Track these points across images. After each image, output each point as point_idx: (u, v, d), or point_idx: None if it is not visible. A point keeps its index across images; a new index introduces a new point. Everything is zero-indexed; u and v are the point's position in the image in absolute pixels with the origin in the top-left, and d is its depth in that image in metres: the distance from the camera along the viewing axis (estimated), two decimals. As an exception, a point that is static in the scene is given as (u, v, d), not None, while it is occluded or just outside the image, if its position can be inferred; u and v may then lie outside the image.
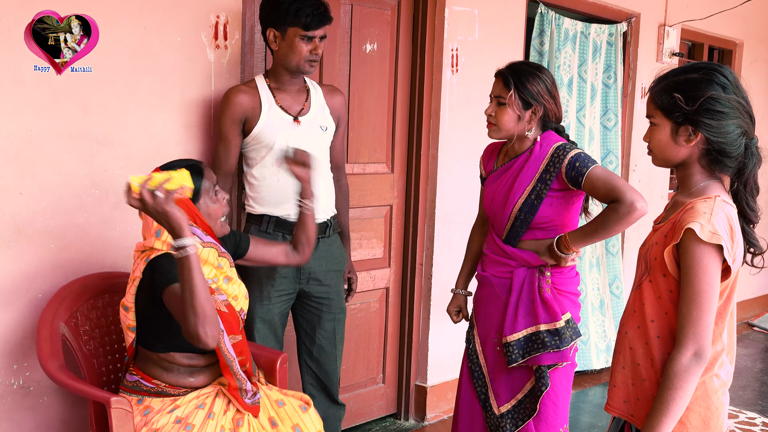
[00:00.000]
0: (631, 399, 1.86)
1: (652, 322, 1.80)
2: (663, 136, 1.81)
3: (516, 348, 2.45)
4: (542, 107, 2.45)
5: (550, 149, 2.43)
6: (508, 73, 2.47)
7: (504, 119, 2.45)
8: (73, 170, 2.52)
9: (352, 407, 3.61)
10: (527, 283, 2.47)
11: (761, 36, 6.03)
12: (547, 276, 2.47)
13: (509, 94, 2.43)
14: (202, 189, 2.20)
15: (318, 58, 2.67)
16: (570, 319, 2.47)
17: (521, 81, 2.44)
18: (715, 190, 1.78)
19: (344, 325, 2.97)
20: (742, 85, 1.79)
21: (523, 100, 2.43)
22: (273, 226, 2.73)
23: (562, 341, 2.41)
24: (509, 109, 2.44)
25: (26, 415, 2.50)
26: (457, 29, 3.72)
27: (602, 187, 2.34)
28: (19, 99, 2.39)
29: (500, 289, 2.52)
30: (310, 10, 2.58)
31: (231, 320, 2.18)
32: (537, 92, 2.44)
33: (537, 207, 2.43)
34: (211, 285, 2.16)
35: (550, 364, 2.44)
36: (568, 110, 4.40)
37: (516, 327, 2.46)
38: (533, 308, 2.46)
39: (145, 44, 2.64)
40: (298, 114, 2.73)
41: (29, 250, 2.46)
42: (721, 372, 1.81)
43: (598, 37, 4.54)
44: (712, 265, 1.68)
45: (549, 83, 2.47)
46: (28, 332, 2.47)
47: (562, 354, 2.43)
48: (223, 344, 2.13)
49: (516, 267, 2.49)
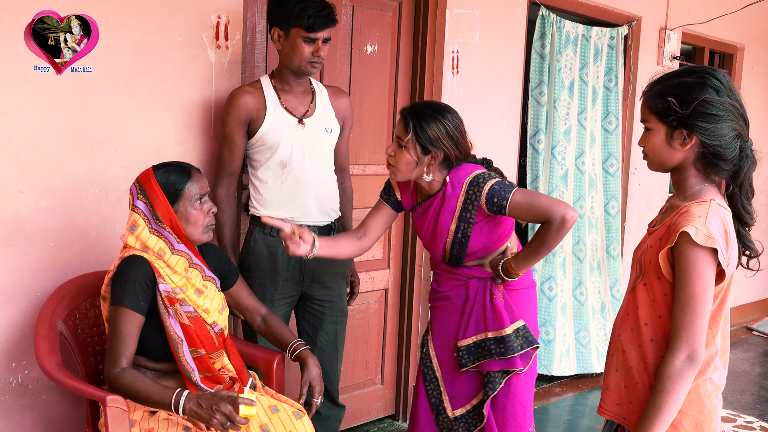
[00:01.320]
0: (623, 402, 1.86)
1: (645, 325, 1.81)
2: (658, 140, 1.81)
3: (466, 353, 2.48)
4: (442, 153, 2.38)
5: (463, 185, 2.41)
6: (408, 116, 2.39)
7: (402, 162, 2.40)
8: (73, 169, 2.53)
9: (350, 408, 3.61)
10: (480, 291, 2.50)
11: (762, 40, 6.03)
12: (498, 282, 2.49)
13: (407, 138, 2.37)
14: (184, 191, 2.20)
15: (321, 60, 2.65)
16: (521, 327, 2.47)
17: (421, 125, 2.36)
18: (711, 193, 1.79)
19: (345, 327, 2.98)
20: (740, 89, 1.80)
21: (421, 145, 2.37)
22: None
23: (507, 349, 2.42)
24: (407, 153, 2.38)
25: (24, 413, 2.51)
26: (458, 31, 3.72)
27: (527, 212, 2.36)
28: (20, 98, 2.40)
29: (457, 299, 2.54)
30: (314, 12, 2.56)
31: (193, 333, 2.20)
32: (436, 137, 2.36)
33: (467, 242, 2.44)
34: (177, 295, 2.18)
35: (499, 370, 2.45)
36: (569, 113, 4.40)
37: (467, 333, 2.49)
38: (483, 316, 2.48)
39: (146, 44, 2.65)
40: (303, 116, 2.73)
41: (29, 248, 2.46)
42: (715, 376, 1.81)
43: (599, 40, 4.54)
44: (706, 269, 1.68)
45: (452, 127, 2.38)
46: (26, 330, 2.47)
47: (510, 361, 2.44)
48: (182, 355, 2.16)
49: (468, 279, 2.52)
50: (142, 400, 2.04)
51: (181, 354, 2.16)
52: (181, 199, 2.20)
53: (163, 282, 2.16)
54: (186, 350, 2.17)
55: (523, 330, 2.47)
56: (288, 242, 2.32)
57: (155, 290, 2.15)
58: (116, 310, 2.11)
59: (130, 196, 2.22)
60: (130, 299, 2.10)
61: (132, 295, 2.11)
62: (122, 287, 2.12)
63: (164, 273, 2.17)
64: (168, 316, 2.15)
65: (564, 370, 4.51)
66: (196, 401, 1.99)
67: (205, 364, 2.24)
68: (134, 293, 2.11)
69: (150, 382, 2.06)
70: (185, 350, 2.17)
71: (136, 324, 2.11)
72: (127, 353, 2.09)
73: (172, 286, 2.17)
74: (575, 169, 4.52)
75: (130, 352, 2.10)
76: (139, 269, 2.14)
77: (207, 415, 1.96)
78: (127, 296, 2.10)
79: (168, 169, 2.22)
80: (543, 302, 4.44)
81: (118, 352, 2.08)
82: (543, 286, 4.45)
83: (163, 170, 2.21)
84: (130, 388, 2.04)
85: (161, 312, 2.15)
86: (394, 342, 3.84)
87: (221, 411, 1.95)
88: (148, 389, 2.03)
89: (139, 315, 2.11)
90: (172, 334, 2.15)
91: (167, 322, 2.15)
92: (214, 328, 2.27)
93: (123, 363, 2.08)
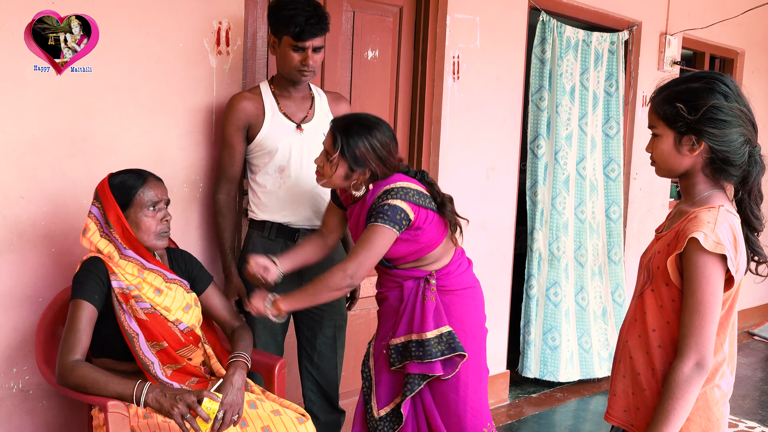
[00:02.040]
0: (631, 408, 1.86)
1: (653, 331, 1.80)
2: (666, 146, 1.80)
3: (395, 353, 2.49)
4: (369, 171, 2.38)
5: (379, 193, 2.40)
6: (337, 132, 2.38)
7: (329, 173, 2.40)
8: (74, 175, 2.53)
9: (351, 414, 3.60)
10: (413, 293, 2.50)
11: (762, 45, 6.04)
12: (432, 283, 2.48)
13: (335, 155, 2.36)
14: (136, 197, 2.23)
15: (311, 69, 2.64)
16: (446, 333, 2.44)
17: (348, 143, 2.35)
18: (719, 199, 1.78)
19: (345, 331, 2.97)
20: (744, 93, 1.79)
21: (348, 164, 2.36)
22: (275, 233, 2.74)
23: (425, 354, 2.42)
24: (334, 168, 2.38)
25: (25, 419, 2.50)
26: (458, 36, 3.72)
27: (359, 240, 2.36)
28: (21, 102, 2.39)
29: (394, 300, 2.54)
30: (303, 20, 2.54)
31: (151, 327, 2.21)
32: (363, 156, 2.35)
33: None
34: (132, 292, 2.20)
35: (417, 373, 2.45)
36: (570, 118, 4.40)
37: (397, 333, 2.50)
38: (411, 318, 2.48)
39: (147, 49, 2.65)
40: (301, 121, 2.73)
41: (30, 254, 2.46)
42: (722, 383, 1.80)
43: (599, 46, 4.54)
44: (715, 275, 1.68)
45: (379, 145, 2.36)
46: (28, 336, 2.47)
47: (428, 366, 2.43)
48: (138, 349, 2.17)
49: (404, 281, 2.51)
50: (99, 390, 2.02)
51: (138, 348, 2.17)
52: (132, 205, 2.23)
53: (116, 279, 2.19)
54: (143, 344, 2.18)
55: (447, 336, 2.45)
56: (252, 300, 2.38)
57: (110, 286, 2.18)
58: (72, 303, 2.15)
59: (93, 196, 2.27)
60: (85, 292, 2.14)
61: (86, 288, 2.15)
62: (78, 282, 2.17)
63: (117, 270, 2.21)
64: (123, 312, 2.18)
65: (569, 376, 4.50)
66: (160, 391, 2.00)
67: (171, 357, 2.26)
68: (88, 286, 2.15)
69: (109, 374, 2.06)
70: (142, 343, 2.18)
71: (90, 316, 2.13)
72: (81, 346, 2.09)
73: (126, 284, 2.20)
74: (576, 174, 4.52)
75: (83, 345, 2.10)
76: (95, 266, 2.19)
77: (168, 404, 1.97)
78: (82, 289, 2.15)
79: (124, 176, 2.26)
80: (549, 308, 4.43)
81: (71, 343, 2.09)
82: (548, 292, 4.44)
83: (120, 177, 2.26)
84: (86, 378, 2.03)
85: (116, 308, 2.18)
86: (396, 347, 3.83)
87: (184, 400, 1.96)
88: (107, 379, 2.03)
89: (93, 306, 2.14)
90: (127, 329, 2.17)
91: (121, 317, 2.18)
92: (178, 325, 2.27)
93: (77, 354, 2.08)
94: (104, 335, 2.20)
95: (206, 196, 2.85)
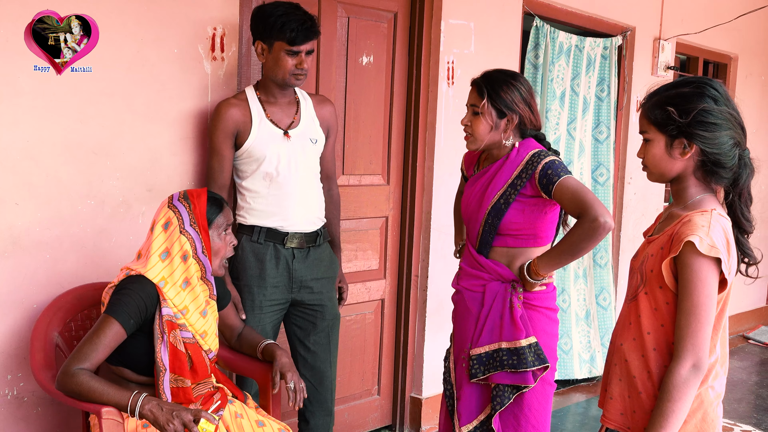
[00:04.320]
0: (627, 411, 1.86)
1: (648, 334, 1.81)
2: (658, 151, 1.83)
3: (477, 363, 2.41)
4: (517, 116, 2.41)
5: (527, 155, 2.40)
6: (482, 82, 2.44)
7: (479, 129, 2.42)
8: (69, 181, 2.53)
9: (346, 419, 3.60)
10: (498, 298, 2.42)
11: (756, 50, 6.07)
12: (519, 291, 2.42)
13: (482, 103, 2.40)
14: (214, 222, 2.23)
15: (304, 72, 2.67)
16: (534, 344, 2.38)
17: (495, 90, 2.40)
18: (711, 203, 1.80)
19: (338, 332, 2.98)
20: (734, 98, 1.82)
21: (497, 109, 2.40)
22: (264, 237, 2.74)
23: (520, 362, 2.34)
24: (483, 119, 2.41)
25: (20, 426, 2.49)
26: (453, 42, 3.74)
27: (570, 198, 2.29)
28: (17, 106, 2.39)
29: (471, 303, 2.47)
30: (296, 25, 2.58)
31: (185, 361, 2.19)
32: (511, 101, 2.39)
33: (504, 211, 2.39)
34: (178, 320, 2.19)
35: (508, 384, 2.37)
36: (559, 123, 4.42)
37: (480, 341, 2.42)
38: (499, 324, 2.40)
39: (142, 56, 2.65)
40: (288, 127, 2.74)
41: (25, 260, 2.45)
42: (716, 384, 1.82)
43: (592, 51, 4.56)
44: (710, 278, 1.70)
45: (524, 91, 2.43)
46: (22, 343, 2.46)
47: (522, 376, 2.36)
48: (161, 383, 2.14)
49: (489, 281, 2.45)
50: (95, 398, 2.02)
51: (161, 382, 2.15)
52: (212, 228, 2.23)
53: (166, 305, 2.16)
54: (167, 379, 2.16)
55: (536, 346, 2.38)
56: None
57: (156, 313, 2.15)
58: (105, 318, 2.10)
59: (167, 199, 2.24)
60: (123, 313, 2.10)
61: (126, 310, 2.10)
62: (120, 299, 2.12)
63: (167, 296, 2.17)
64: (161, 342, 2.15)
65: None
66: (157, 403, 1.99)
67: (187, 397, 2.23)
68: (129, 309, 2.11)
69: (107, 383, 2.05)
70: (166, 379, 2.16)
71: (116, 338, 2.10)
72: (95, 360, 2.08)
73: (174, 311, 2.17)
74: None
75: (97, 360, 2.08)
76: (144, 288, 2.14)
77: (164, 419, 1.96)
78: (121, 309, 2.10)
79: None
80: None
81: (87, 354, 2.06)
82: None
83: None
84: (82, 385, 2.02)
85: (155, 336, 2.15)
86: (391, 352, 3.84)
87: (181, 418, 1.95)
88: (103, 388, 2.02)
89: (124, 331, 2.11)
90: (158, 361, 2.15)
91: (158, 347, 2.15)
92: (209, 354, 2.28)
93: (85, 364, 2.06)
94: (132, 348, 2.17)
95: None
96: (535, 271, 2.36)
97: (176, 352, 2.18)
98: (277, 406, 2.52)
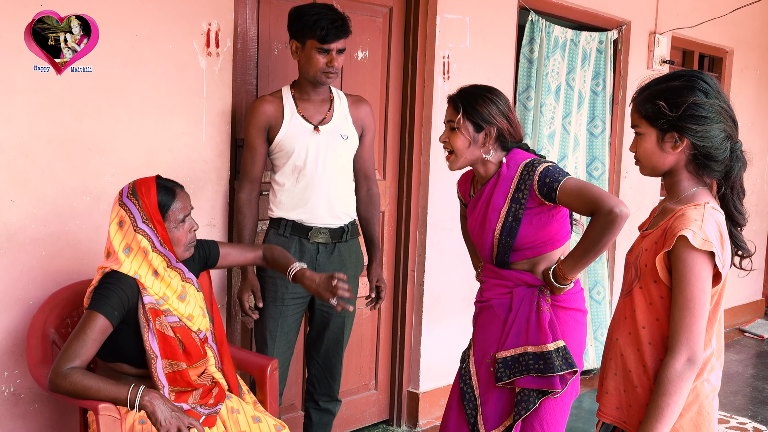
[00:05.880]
0: (623, 406, 1.87)
1: (643, 328, 1.82)
2: (649, 145, 1.83)
3: (503, 367, 2.37)
4: (495, 128, 2.37)
5: (519, 168, 2.37)
6: (457, 98, 2.42)
7: (457, 144, 2.39)
8: (64, 178, 2.53)
9: (344, 414, 3.61)
10: (525, 302, 2.38)
11: (751, 44, 6.07)
12: (546, 294, 2.38)
13: (458, 117, 2.38)
14: (168, 212, 2.20)
15: (335, 70, 2.75)
16: (562, 348, 2.33)
17: (470, 104, 2.38)
18: (704, 196, 1.80)
19: (352, 325, 3.06)
20: (730, 92, 1.82)
21: (473, 123, 2.37)
22: (289, 230, 2.81)
23: (546, 367, 2.30)
24: (460, 134, 2.38)
25: (17, 423, 2.49)
26: (448, 37, 3.73)
27: (577, 199, 2.26)
28: (11, 103, 2.39)
29: (500, 309, 2.43)
30: (327, 23, 2.66)
31: (176, 346, 2.20)
32: (488, 114, 2.37)
33: (517, 228, 2.35)
34: (161, 306, 2.18)
35: (534, 388, 2.33)
36: (554, 117, 4.41)
37: (506, 345, 2.38)
38: (525, 328, 2.37)
39: (138, 52, 2.65)
40: (319, 123, 2.82)
41: (20, 257, 2.45)
42: (711, 377, 1.82)
43: (587, 45, 4.56)
44: (704, 272, 1.70)
45: (501, 104, 2.40)
46: (19, 339, 2.46)
47: (549, 381, 2.31)
48: (154, 370, 2.16)
49: (514, 287, 2.41)
50: (91, 396, 2.02)
51: (154, 369, 2.16)
52: (166, 220, 2.20)
53: (147, 294, 2.16)
54: (159, 366, 2.16)
55: (564, 350, 2.33)
56: None
57: (138, 303, 2.15)
58: (89, 313, 2.10)
59: (118, 196, 2.21)
60: (106, 306, 2.10)
61: (108, 302, 2.11)
62: (101, 294, 2.12)
63: (146, 285, 2.16)
64: (147, 330, 2.15)
65: None
66: (161, 397, 2.01)
67: (185, 380, 2.23)
68: (111, 302, 2.11)
69: (102, 378, 2.05)
70: (158, 366, 2.16)
71: (103, 331, 2.10)
72: (85, 356, 2.07)
73: (156, 298, 2.17)
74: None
75: (87, 356, 2.08)
76: (123, 281, 2.14)
77: (162, 415, 1.98)
78: (104, 302, 2.10)
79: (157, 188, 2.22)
80: None
81: (76, 352, 2.06)
82: None
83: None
84: (77, 384, 2.02)
85: (141, 325, 2.15)
86: (388, 347, 3.84)
87: (180, 420, 1.99)
88: (99, 384, 2.02)
89: (109, 323, 2.10)
90: (148, 349, 2.15)
91: (145, 335, 2.15)
92: (198, 335, 2.27)
93: (75, 363, 2.06)
94: (124, 345, 2.17)
95: (197, 198, 2.85)
96: (562, 276, 2.32)
97: (165, 337, 2.18)
98: (273, 401, 2.53)
